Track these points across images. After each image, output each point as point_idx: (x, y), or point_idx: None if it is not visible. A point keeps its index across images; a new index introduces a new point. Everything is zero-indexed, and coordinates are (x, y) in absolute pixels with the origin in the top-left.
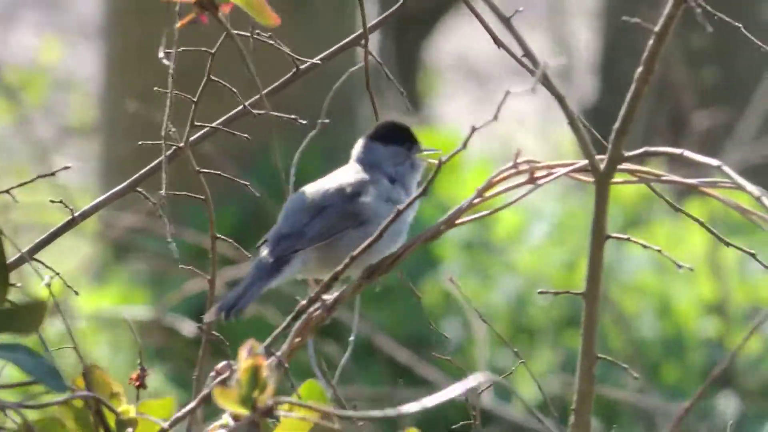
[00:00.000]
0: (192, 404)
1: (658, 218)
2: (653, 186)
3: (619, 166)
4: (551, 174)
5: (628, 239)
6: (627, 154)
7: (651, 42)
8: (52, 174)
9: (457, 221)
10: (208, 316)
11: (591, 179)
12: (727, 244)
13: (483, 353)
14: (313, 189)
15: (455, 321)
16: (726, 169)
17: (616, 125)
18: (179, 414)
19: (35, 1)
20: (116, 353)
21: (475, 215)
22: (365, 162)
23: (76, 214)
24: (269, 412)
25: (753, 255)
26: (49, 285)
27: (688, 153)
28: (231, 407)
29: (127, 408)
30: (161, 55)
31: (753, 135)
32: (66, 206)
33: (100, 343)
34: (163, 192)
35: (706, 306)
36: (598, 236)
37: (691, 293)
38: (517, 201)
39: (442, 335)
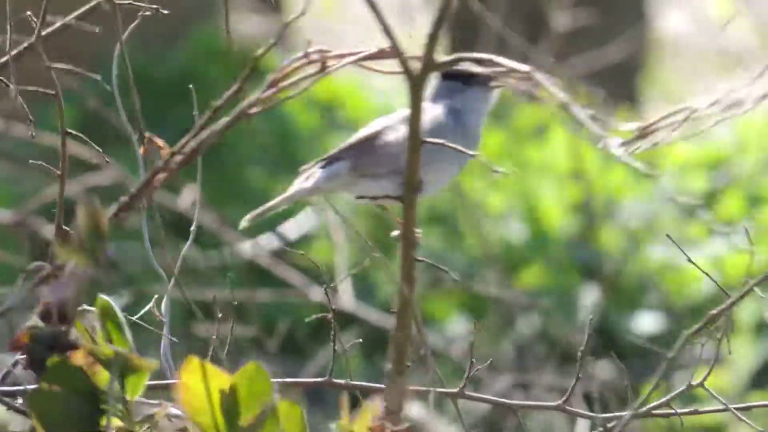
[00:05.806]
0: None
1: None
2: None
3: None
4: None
5: (443, 144)
6: (439, 60)
7: None
8: None
9: (250, 111)
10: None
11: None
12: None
13: (343, 252)
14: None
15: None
16: (537, 76)
17: (428, 31)
18: None
19: None
20: None
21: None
22: (434, 99)
23: None
24: (111, 264)
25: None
26: None
27: (498, 59)
28: (73, 257)
29: None
30: None
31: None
32: None
33: None
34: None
35: (570, 206)
36: (414, 140)
37: (555, 194)
38: (307, 89)
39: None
